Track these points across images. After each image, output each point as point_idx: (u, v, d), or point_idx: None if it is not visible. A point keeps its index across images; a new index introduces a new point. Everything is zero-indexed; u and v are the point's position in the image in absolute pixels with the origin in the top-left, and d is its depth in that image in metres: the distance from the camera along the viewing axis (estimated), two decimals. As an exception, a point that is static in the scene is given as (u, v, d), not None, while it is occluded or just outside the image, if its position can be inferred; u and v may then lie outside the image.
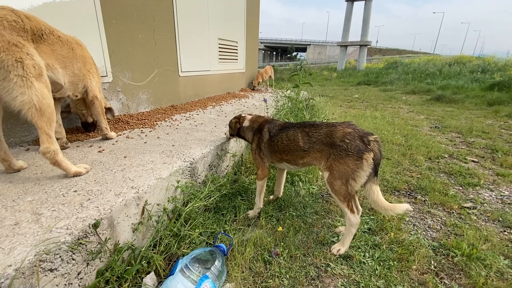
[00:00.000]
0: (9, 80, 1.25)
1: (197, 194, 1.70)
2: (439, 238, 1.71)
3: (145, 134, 2.34)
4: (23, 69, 1.28)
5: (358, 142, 1.41)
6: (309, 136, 1.57)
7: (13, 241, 0.97)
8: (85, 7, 2.30)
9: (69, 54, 1.69)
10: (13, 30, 1.30)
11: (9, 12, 1.32)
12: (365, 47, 22.95)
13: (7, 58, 1.24)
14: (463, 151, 3.32)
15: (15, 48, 1.27)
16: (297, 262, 1.46)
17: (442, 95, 7.46)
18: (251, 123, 1.96)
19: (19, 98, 1.28)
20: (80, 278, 1.08)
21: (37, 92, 1.32)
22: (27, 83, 1.30)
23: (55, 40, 1.57)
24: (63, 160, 1.45)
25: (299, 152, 1.62)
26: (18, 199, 1.25)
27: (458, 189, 2.40)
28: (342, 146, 1.43)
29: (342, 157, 1.43)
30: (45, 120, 1.37)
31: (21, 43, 1.31)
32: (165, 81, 3.42)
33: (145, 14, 2.93)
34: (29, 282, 0.89)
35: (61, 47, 1.62)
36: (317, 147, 1.54)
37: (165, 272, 1.32)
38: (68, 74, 1.70)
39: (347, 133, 1.45)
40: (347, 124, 1.53)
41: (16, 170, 1.55)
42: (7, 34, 1.26)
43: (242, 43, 5.66)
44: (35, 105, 1.32)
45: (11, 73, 1.25)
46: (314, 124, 1.62)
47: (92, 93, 1.95)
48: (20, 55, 1.28)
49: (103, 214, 1.16)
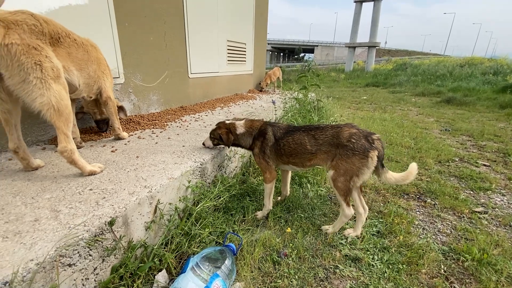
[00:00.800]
0: (29, 82, 1.30)
1: (207, 194, 1.73)
2: (449, 243, 1.70)
3: (156, 135, 2.39)
4: (42, 72, 1.33)
5: (364, 141, 1.49)
6: (316, 138, 1.63)
7: (34, 236, 1.01)
8: (100, 10, 2.36)
9: (84, 56, 1.74)
10: (32, 33, 1.34)
11: (29, 16, 1.36)
12: (373, 48, 22.73)
13: (26, 60, 1.28)
14: (474, 155, 3.27)
15: (34, 51, 1.31)
16: (305, 263, 1.47)
17: (453, 97, 7.34)
18: (247, 128, 1.87)
19: (38, 100, 1.33)
20: (96, 274, 1.12)
21: (55, 94, 1.37)
22: (46, 85, 1.34)
23: (71, 43, 1.62)
24: (79, 159, 1.50)
25: (306, 154, 1.66)
26: (37, 196, 1.30)
27: (469, 193, 2.37)
28: (349, 146, 1.50)
29: (349, 156, 1.50)
30: (63, 120, 1.42)
31: (40, 46, 1.35)
32: (175, 82, 3.48)
33: (156, 17, 2.99)
34: (49, 276, 0.93)
35: (76, 50, 1.67)
36: (324, 148, 1.60)
37: (176, 270, 1.35)
38: (83, 76, 1.75)
39: (353, 134, 1.53)
40: (350, 125, 1.61)
41: (34, 168, 1.60)
42: (27, 38, 1.30)
43: (250, 45, 5.70)
44: (54, 106, 1.36)
45: (31, 75, 1.29)
46: (319, 127, 1.67)
47: (105, 94, 2.01)
48: (39, 58, 1.32)
49: (118, 212, 1.20)
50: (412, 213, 2.03)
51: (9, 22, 1.25)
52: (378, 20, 22.55)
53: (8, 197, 1.28)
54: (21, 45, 1.26)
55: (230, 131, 1.87)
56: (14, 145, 1.50)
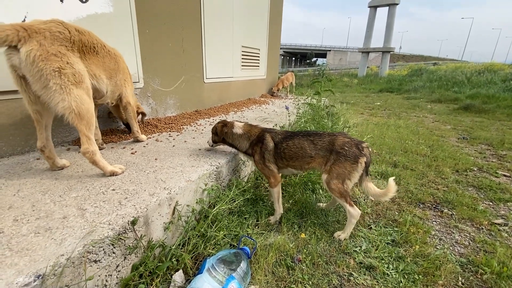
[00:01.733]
0: (49, 88, 1.36)
1: (223, 197, 1.76)
2: (467, 254, 1.66)
3: (173, 138, 2.46)
4: (61, 78, 1.38)
5: (355, 149, 1.66)
6: (314, 143, 1.76)
7: (63, 232, 1.07)
8: (123, 18, 2.48)
9: (115, 66, 1.87)
10: (54, 40, 1.38)
11: (55, 24, 1.43)
12: (387, 53, 22.40)
13: (45, 67, 1.33)
14: (494, 165, 3.17)
15: (54, 58, 1.36)
16: (319, 269, 1.47)
17: (471, 105, 7.13)
18: (245, 131, 1.95)
19: (60, 104, 1.40)
20: (118, 271, 1.17)
21: (76, 98, 1.43)
22: (66, 90, 1.40)
23: (105, 53, 1.74)
24: (100, 159, 1.57)
25: (306, 158, 1.78)
26: (64, 195, 1.37)
27: (488, 204, 2.30)
28: (342, 153, 1.67)
29: (342, 161, 1.66)
30: (84, 123, 1.49)
31: (61, 52, 1.40)
32: (191, 87, 3.57)
33: (175, 24, 3.10)
34: (77, 271, 0.99)
35: (109, 60, 1.79)
36: (321, 153, 1.75)
37: (192, 271, 1.39)
38: (111, 84, 1.87)
39: (346, 142, 1.69)
40: (343, 134, 1.78)
41: (59, 167, 1.69)
42: (47, 44, 1.35)
43: (264, 50, 5.77)
44: (74, 110, 1.43)
45: (50, 81, 1.35)
46: (317, 133, 1.82)
47: (125, 100, 2.12)
48: (59, 64, 1.37)
49: (139, 212, 1.25)
50: (428, 223, 1.99)
51: (32, 31, 1.32)
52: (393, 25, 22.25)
53: (38, 195, 1.36)
54: (39, 51, 1.31)
55: (226, 126, 1.99)
56: (41, 144, 1.59)
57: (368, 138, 4.03)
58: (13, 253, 0.95)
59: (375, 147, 3.69)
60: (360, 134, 4.20)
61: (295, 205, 2.08)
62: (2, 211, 1.20)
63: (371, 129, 4.63)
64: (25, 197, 1.33)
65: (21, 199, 1.31)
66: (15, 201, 1.29)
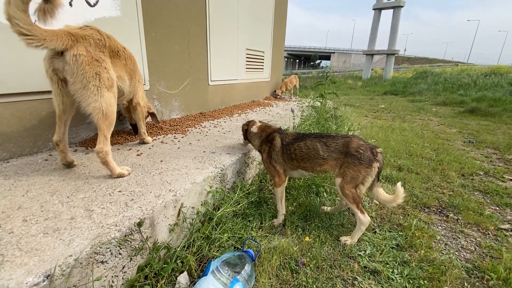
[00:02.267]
0: (88, 89, 1.48)
1: (227, 199, 1.78)
2: (473, 260, 1.64)
3: (178, 140, 2.48)
4: (100, 81, 1.51)
5: (369, 153, 1.64)
6: (327, 145, 1.74)
7: (71, 233, 1.09)
8: (130, 21, 2.51)
9: (134, 67, 1.99)
10: (97, 47, 1.54)
11: (95, 31, 1.58)
12: (392, 55, 22.30)
13: (89, 70, 1.47)
14: (500, 169, 3.13)
15: (96, 63, 1.50)
16: (323, 273, 1.47)
17: (477, 108, 7.06)
18: (258, 130, 2.09)
19: (92, 104, 1.51)
20: (124, 272, 1.18)
21: (106, 100, 1.55)
22: (100, 92, 1.52)
23: (126, 56, 1.85)
24: (111, 161, 1.61)
25: (318, 159, 1.76)
26: (71, 196, 1.39)
27: (495, 209, 2.28)
28: (357, 156, 1.64)
29: (356, 164, 1.64)
30: (107, 123, 1.58)
31: (102, 58, 1.55)
32: (196, 89, 3.60)
33: (181, 27, 3.13)
34: (84, 271, 1.01)
35: (130, 62, 1.92)
36: (334, 155, 1.72)
37: (197, 273, 1.40)
38: (131, 85, 1.99)
39: (361, 145, 1.67)
40: (357, 137, 1.75)
41: (69, 162, 1.75)
42: (92, 50, 1.50)
43: (268, 53, 5.79)
44: (103, 111, 1.54)
45: (90, 83, 1.48)
46: (330, 135, 1.80)
47: (136, 100, 2.18)
48: (99, 69, 1.51)
49: (146, 214, 1.26)
50: (433, 228, 1.98)
51: (78, 36, 1.45)
52: (397, 27, 22.17)
53: (46, 195, 1.39)
54: (86, 57, 1.46)
55: (248, 125, 2.19)
56: (58, 137, 1.67)
57: (373, 141, 4.02)
58: (23, 253, 0.97)
59: (379, 150, 3.67)
60: (365, 137, 4.19)
61: (299, 208, 2.08)
62: (12, 211, 1.23)
63: (375, 132, 4.61)
64: (33, 198, 1.35)
65: (30, 200, 1.33)
66: (24, 201, 1.32)
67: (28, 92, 1.90)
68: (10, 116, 1.85)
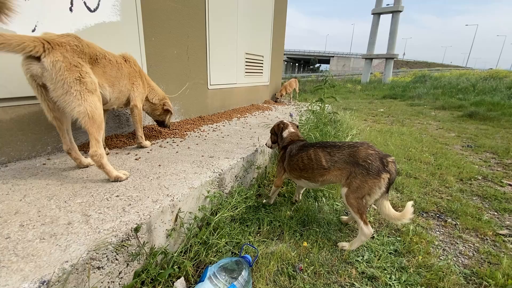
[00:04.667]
0: (70, 94, 1.48)
1: (225, 204, 1.77)
2: (471, 266, 1.64)
3: (176, 144, 2.49)
4: (81, 85, 1.51)
5: (379, 163, 1.56)
6: (331, 155, 1.72)
7: (68, 239, 1.09)
8: (130, 26, 2.53)
9: (117, 74, 1.92)
10: (74, 52, 1.53)
11: (73, 38, 1.57)
12: (391, 60, 22.43)
13: (69, 76, 1.47)
14: (499, 174, 3.14)
15: (75, 68, 1.50)
16: (321, 279, 1.47)
17: (476, 112, 7.08)
18: (287, 135, 2.12)
19: (76, 109, 1.51)
20: (121, 278, 1.18)
21: (91, 104, 1.55)
22: (84, 96, 1.52)
23: (106, 63, 1.81)
24: (107, 163, 1.62)
25: (319, 170, 1.75)
26: (69, 201, 1.39)
27: (493, 214, 2.28)
28: (364, 166, 1.58)
29: (364, 175, 1.57)
30: (96, 127, 1.58)
31: (80, 63, 1.54)
32: (195, 93, 3.61)
33: (180, 32, 3.15)
34: (81, 277, 1.00)
35: (110, 69, 1.85)
36: (338, 165, 1.68)
37: (194, 278, 1.39)
38: (114, 91, 1.92)
39: (370, 154, 1.60)
40: (367, 145, 1.67)
41: (85, 166, 1.84)
42: (69, 56, 1.50)
43: (267, 57, 5.82)
44: (89, 114, 1.54)
45: (72, 88, 1.48)
46: (335, 145, 1.76)
47: (132, 103, 2.16)
48: (79, 73, 1.51)
49: (143, 219, 1.26)
50: (431, 233, 1.98)
51: (54, 44, 1.45)
52: (396, 32, 22.32)
53: (43, 200, 1.39)
54: (64, 62, 1.45)
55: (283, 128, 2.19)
56: (67, 147, 1.73)
57: (371, 145, 4.02)
58: (19, 258, 0.97)
59: (378, 154, 3.68)
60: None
61: (297, 213, 2.08)
62: (9, 216, 1.23)
63: (374, 136, 4.62)
64: (31, 203, 1.35)
65: (27, 204, 1.33)
66: (21, 206, 1.32)
67: (27, 96, 1.91)
68: (9, 120, 1.85)
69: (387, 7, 22.64)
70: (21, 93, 1.87)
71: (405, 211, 1.57)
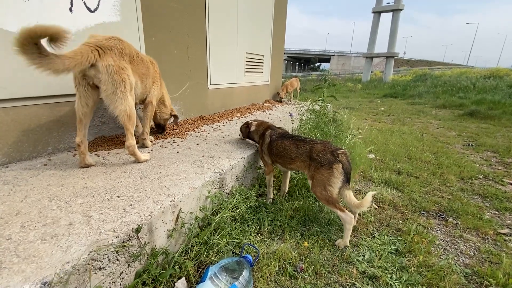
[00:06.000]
0: (115, 94, 1.69)
1: (226, 204, 1.77)
2: (472, 265, 1.64)
3: (177, 144, 2.49)
4: (125, 87, 1.72)
5: (329, 155, 1.74)
6: (298, 148, 1.93)
7: (69, 240, 1.09)
8: (130, 26, 2.53)
9: (145, 72, 2.09)
10: (120, 56, 1.73)
11: (117, 41, 1.75)
12: (391, 58, 22.37)
13: (117, 78, 1.67)
14: (500, 172, 3.14)
15: (122, 71, 1.70)
16: (322, 279, 1.47)
17: (476, 111, 7.07)
18: (256, 127, 2.37)
19: (118, 108, 1.73)
20: (122, 278, 1.18)
21: (129, 103, 1.77)
22: (125, 96, 1.74)
23: (139, 61, 1.99)
24: (137, 152, 1.93)
25: (288, 158, 1.99)
26: (70, 201, 1.39)
27: (494, 213, 2.28)
28: (317, 159, 1.77)
29: (318, 167, 1.76)
30: (131, 123, 1.82)
31: (125, 66, 1.75)
32: (195, 93, 3.61)
33: (180, 32, 3.15)
34: (82, 278, 1.00)
35: (141, 67, 2.03)
36: (302, 158, 1.89)
37: (195, 278, 1.39)
38: (141, 87, 2.09)
39: (322, 149, 1.79)
40: (324, 142, 1.88)
41: (86, 165, 1.85)
42: (118, 60, 1.70)
43: (268, 56, 5.81)
44: (127, 112, 1.76)
45: (118, 89, 1.69)
46: (303, 139, 1.97)
47: (149, 99, 2.30)
48: (124, 76, 1.71)
49: (144, 219, 1.27)
50: (432, 232, 1.98)
51: (105, 48, 1.64)
52: (396, 31, 22.27)
53: (44, 201, 1.39)
54: (115, 66, 1.66)
55: (248, 126, 2.46)
56: (79, 140, 1.79)
57: (372, 144, 4.02)
58: (20, 259, 0.97)
59: (378, 153, 3.68)
60: (364, 140, 4.19)
61: (298, 213, 2.08)
62: (10, 217, 1.23)
63: (375, 136, 4.61)
64: (32, 203, 1.36)
65: (29, 205, 1.34)
66: (22, 207, 1.32)
67: (28, 97, 1.91)
68: (10, 121, 1.85)
69: (388, 5, 22.59)
70: (22, 94, 1.87)
71: (364, 200, 1.69)
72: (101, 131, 2.48)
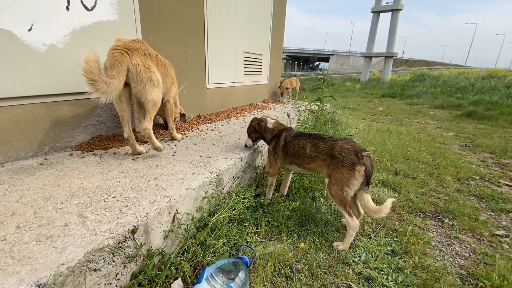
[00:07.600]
0: (145, 88, 1.95)
1: (223, 205, 1.77)
2: (468, 266, 1.65)
3: (175, 144, 2.48)
4: (151, 82, 1.98)
5: (353, 156, 1.68)
6: (316, 146, 1.87)
7: (64, 241, 1.09)
8: (127, 25, 2.51)
9: (165, 72, 2.31)
10: (145, 56, 1.99)
11: (141, 43, 2.02)
12: (390, 58, 22.37)
13: (145, 75, 1.93)
14: (496, 173, 3.15)
15: (148, 70, 1.95)
16: (318, 280, 1.47)
17: (474, 111, 7.10)
18: (274, 125, 2.27)
19: (148, 97, 1.98)
20: (118, 279, 1.18)
21: (156, 94, 2.04)
22: (153, 89, 2.00)
23: (159, 62, 2.22)
24: (153, 136, 2.06)
25: (306, 158, 1.92)
26: (66, 202, 1.39)
27: (490, 214, 2.29)
28: (339, 158, 1.71)
29: (339, 167, 1.71)
30: (154, 109, 2.06)
31: (150, 65, 2.00)
32: (194, 92, 3.60)
33: (179, 31, 3.14)
34: (77, 280, 1.00)
35: (161, 67, 2.24)
36: (321, 156, 1.83)
37: (191, 279, 1.40)
38: (163, 86, 2.25)
39: (345, 148, 1.73)
40: (347, 140, 1.81)
41: (138, 153, 2.11)
42: (144, 60, 1.95)
43: (266, 56, 5.80)
44: (154, 100, 2.02)
45: (146, 84, 1.95)
46: (321, 137, 1.92)
47: (166, 98, 2.47)
48: (150, 74, 1.97)
49: (140, 221, 1.26)
50: (428, 233, 1.99)
51: (133, 50, 1.88)
52: (395, 30, 22.26)
53: (40, 201, 1.38)
54: (142, 65, 1.90)
55: (264, 121, 2.30)
56: (127, 135, 2.03)
57: (370, 145, 4.03)
58: (15, 261, 0.97)
59: (376, 154, 3.68)
60: (362, 140, 4.20)
61: (295, 213, 2.09)
62: (5, 217, 1.22)
63: (372, 136, 4.62)
64: (27, 204, 1.35)
65: (24, 206, 1.33)
66: (18, 207, 1.31)
67: (24, 96, 1.89)
68: (6, 120, 1.84)
69: (387, 5, 22.56)
70: (18, 93, 1.86)
71: (383, 206, 1.64)
72: (98, 131, 2.46)
